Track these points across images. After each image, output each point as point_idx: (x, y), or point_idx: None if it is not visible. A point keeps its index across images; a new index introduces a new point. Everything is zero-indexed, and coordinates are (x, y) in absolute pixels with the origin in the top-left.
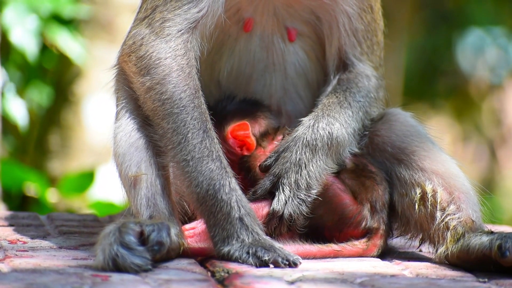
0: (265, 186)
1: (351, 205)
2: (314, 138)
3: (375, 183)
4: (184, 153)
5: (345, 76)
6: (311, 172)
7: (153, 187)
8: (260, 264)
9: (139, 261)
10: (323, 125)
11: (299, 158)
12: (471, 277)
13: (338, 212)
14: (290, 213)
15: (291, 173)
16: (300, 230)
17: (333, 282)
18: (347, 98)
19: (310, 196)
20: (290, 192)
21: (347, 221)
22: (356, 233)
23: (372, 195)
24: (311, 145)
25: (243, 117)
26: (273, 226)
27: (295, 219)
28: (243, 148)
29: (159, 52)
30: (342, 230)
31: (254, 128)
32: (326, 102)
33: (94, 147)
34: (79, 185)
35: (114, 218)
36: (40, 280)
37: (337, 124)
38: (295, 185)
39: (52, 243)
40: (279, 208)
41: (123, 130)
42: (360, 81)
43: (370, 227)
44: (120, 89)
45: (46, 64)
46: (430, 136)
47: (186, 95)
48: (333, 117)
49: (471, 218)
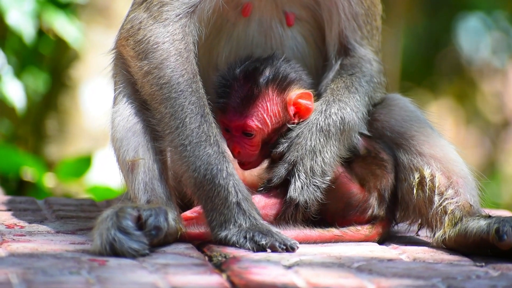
0: (280, 174)
1: (357, 194)
2: (327, 124)
3: (386, 171)
4: (182, 137)
5: (348, 61)
6: (325, 158)
7: (150, 172)
8: (258, 249)
9: (137, 245)
10: (335, 110)
11: (313, 144)
12: (468, 261)
13: (344, 200)
14: (306, 200)
15: (306, 160)
16: (314, 217)
17: (331, 266)
18: (353, 83)
19: (324, 182)
20: (306, 178)
21: (353, 209)
22: (360, 220)
23: (381, 184)
24: (325, 130)
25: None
26: (290, 214)
27: (310, 206)
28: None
29: (157, 36)
30: (346, 217)
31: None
32: (334, 87)
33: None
34: (77, 170)
35: (111, 202)
36: (37, 265)
37: (348, 109)
38: (311, 172)
39: (49, 228)
40: (296, 195)
41: (120, 115)
42: (364, 66)
43: (376, 215)
44: (117, 73)
45: (42, 50)
46: (429, 121)
47: (184, 79)
48: (344, 101)
49: (469, 202)
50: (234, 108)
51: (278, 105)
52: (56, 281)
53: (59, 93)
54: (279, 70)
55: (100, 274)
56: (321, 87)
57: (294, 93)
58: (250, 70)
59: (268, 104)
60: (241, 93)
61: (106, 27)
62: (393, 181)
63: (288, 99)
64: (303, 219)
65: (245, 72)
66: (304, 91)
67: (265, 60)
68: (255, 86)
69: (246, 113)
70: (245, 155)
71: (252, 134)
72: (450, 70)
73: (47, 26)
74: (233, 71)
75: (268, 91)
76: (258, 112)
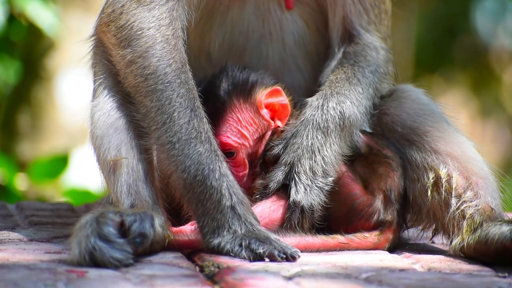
0: (277, 178)
1: (361, 197)
2: (325, 120)
3: (390, 169)
4: (170, 134)
5: (352, 48)
6: (326, 158)
7: (134, 173)
8: (254, 258)
9: (119, 255)
10: (333, 104)
11: (311, 142)
12: (489, 271)
13: (347, 204)
14: (311, 203)
15: (304, 160)
16: (319, 223)
17: (336, 277)
18: (355, 74)
19: (328, 184)
20: (307, 180)
21: (357, 214)
22: (367, 226)
23: (386, 184)
24: (323, 127)
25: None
26: (296, 220)
27: (315, 210)
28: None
29: (141, 21)
30: (351, 223)
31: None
32: (334, 79)
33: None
34: (52, 171)
35: (91, 207)
36: (8, 277)
37: (348, 103)
38: (311, 172)
39: (21, 235)
40: (300, 198)
41: (101, 109)
42: (369, 54)
43: (383, 220)
44: (97, 63)
45: (13, 37)
46: (444, 115)
47: (172, 69)
48: (343, 94)
49: (490, 205)
50: None
51: (249, 112)
52: None
53: (32, 85)
54: (236, 78)
55: (79, 287)
56: (321, 77)
57: (261, 94)
58: (207, 88)
59: (238, 114)
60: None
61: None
62: (400, 180)
63: (257, 102)
64: (310, 226)
65: (203, 92)
66: (271, 88)
67: (219, 74)
68: (218, 101)
69: (218, 131)
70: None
71: (233, 153)
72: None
73: (19, 11)
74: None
75: (234, 102)
76: (230, 126)
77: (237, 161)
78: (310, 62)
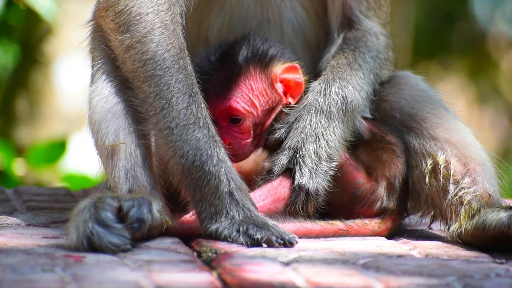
0: (281, 162)
1: (364, 184)
2: (328, 104)
3: (394, 155)
4: (168, 119)
5: (352, 34)
6: (330, 142)
7: (132, 158)
8: (252, 244)
9: (117, 240)
10: (335, 89)
11: (314, 127)
12: (487, 257)
13: (348, 192)
14: (317, 187)
15: (308, 144)
16: (323, 208)
17: (333, 263)
18: (356, 59)
19: (332, 168)
20: (312, 163)
21: (359, 201)
22: (368, 213)
23: (390, 171)
24: (326, 111)
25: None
26: (300, 204)
27: (320, 194)
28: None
29: (140, 6)
30: (352, 210)
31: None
32: (335, 64)
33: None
34: (50, 156)
35: (89, 192)
36: (6, 261)
37: (350, 87)
38: (316, 156)
39: (19, 220)
40: (305, 182)
41: (99, 94)
42: (369, 40)
43: (385, 207)
44: (96, 48)
45: (11, 21)
46: (443, 102)
47: (170, 55)
48: (345, 79)
49: (488, 192)
50: (216, 93)
51: (264, 83)
52: (27, 279)
53: (30, 70)
54: (257, 47)
55: (76, 272)
56: (321, 63)
57: (278, 68)
58: (226, 52)
59: (251, 82)
60: (221, 76)
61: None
62: (403, 166)
63: (273, 75)
64: (314, 210)
65: (222, 54)
66: (290, 64)
67: (241, 40)
68: (235, 66)
69: (229, 95)
70: (237, 146)
71: (240, 119)
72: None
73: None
74: (210, 56)
75: (250, 69)
76: (242, 93)
77: (242, 128)
78: (309, 49)
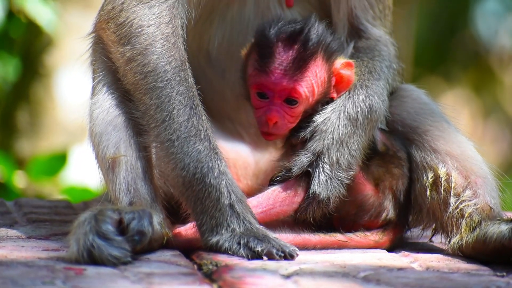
0: (302, 164)
1: (372, 197)
2: (355, 111)
3: (403, 171)
4: (169, 132)
5: (364, 43)
6: (352, 151)
7: (133, 170)
8: (253, 256)
9: (118, 252)
10: (362, 97)
11: (341, 132)
12: (487, 270)
13: (356, 204)
14: (329, 195)
15: (333, 151)
16: (332, 214)
17: (334, 276)
18: (376, 68)
19: (348, 177)
20: (331, 172)
21: (365, 213)
22: (373, 225)
23: (397, 184)
24: (353, 118)
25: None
26: (311, 211)
27: (331, 202)
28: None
29: (141, 18)
30: (357, 221)
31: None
32: (358, 71)
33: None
34: (50, 168)
35: (89, 204)
36: (6, 274)
37: (376, 97)
38: (337, 164)
39: (20, 232)
40: (320, 190)
41: (100, 107)
42: (382, 49)
43: (390, 219)
44: (97, 60)
45: (12, 34)
46: (445, 115)
47: (171, 67)
48: (371, 88)
49: (489, 204)
50: (283, 70)
51: (325, 73)
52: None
53: (31, 82)
54: (326, 36)
55: (77, 284)
56: None
57: (339, 62)
58: (296, 31)
59: (317, 69)
60: (291, 55)
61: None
62: (407, 183)
63: (334, 67)
64: (321, 216)
65: (292, 33)
66: (348, 61)
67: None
68: (304, 49)
69: (296, 76)
70: (281, 127)
71: (296, 102)
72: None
73: (18, 7)
74: (276, 31)
75: (318, 56)
76: (308, 77)
77: (295, 111)
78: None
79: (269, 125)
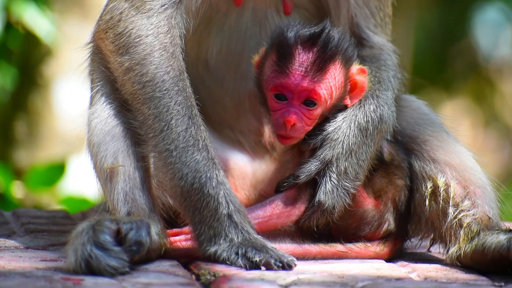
0: (310, 172)
1: (373, 210)
2: (366, 121)
3: (405, 183)
4: (167, 142)
5: (368, 52)
6: (360, 161)
7: (131, 180)
8: (251, 266)
9: (115, 263)
10: (373, 106)
11: (351, 142)
12: (486, 280)
13: (357, 217)
14: (334, 205)
15: (341, 160)
16: (335, 224)
17: (332, 286)
18: (384, 78)
19: (354, 187)
20: (338, 181)
21: (366, 226)
22: (372, 237)
23: (400, 196)
24: (363, 128)
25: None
26: (315, 219)
27: (336, 212)
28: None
29: (139, 28)
30: (357, 234)
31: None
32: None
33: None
34: (48, 178)
35: (87, 214)
36: (4, 284)
37: (386, 108)
38: (345, 174)
39: (18, 243)
40: (326, 199)
41: (98, 117)
42: (387, 59)
43: (391, 230)
44: (95, 70)
45: (10, 44)
46: (444, 126)
47: (170, 77)
48: (381, 98)
49: (487, 215)
50: (304, 71)
51: (343, 77)
52: None
53: (29, 92)
54: (345, 41)
55: None
56: None
57: (354, 67)
58: (316, 33)
59: (335, 73)
60: (311, 57)
61: (82, 18)
62: (408, 194)
63: (350, 72)
64: (324, 225)
65: (312, 35)
66: (362, 67)
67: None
68: (324, 51)
69: (316, 78)
70: (299, 129)
71: (315, 104)
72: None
73: (16, 18)
74: (295, 33)
75: (337, 60)
76: (327, 80)
77: (313, 113)
78: None
79: (287, 127)
